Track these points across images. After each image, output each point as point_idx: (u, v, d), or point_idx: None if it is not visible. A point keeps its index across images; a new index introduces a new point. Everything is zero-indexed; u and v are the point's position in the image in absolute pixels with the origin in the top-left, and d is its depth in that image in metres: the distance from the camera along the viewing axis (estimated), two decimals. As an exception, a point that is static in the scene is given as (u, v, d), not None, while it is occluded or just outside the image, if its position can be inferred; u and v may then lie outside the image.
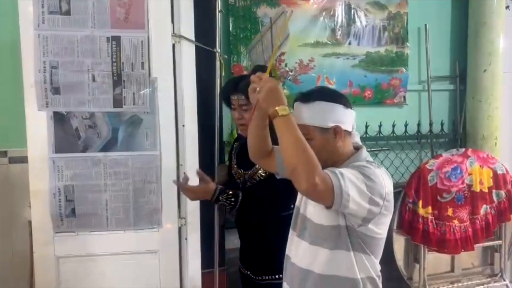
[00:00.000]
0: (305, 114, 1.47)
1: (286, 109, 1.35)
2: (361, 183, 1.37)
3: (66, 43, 2.09)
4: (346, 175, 1.35)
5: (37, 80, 2.08)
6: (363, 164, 1.46)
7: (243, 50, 3.13)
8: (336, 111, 1.48)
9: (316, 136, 1.46)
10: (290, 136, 1.34)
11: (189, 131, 2.31)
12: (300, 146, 1.33)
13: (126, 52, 2.14)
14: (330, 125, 1.46)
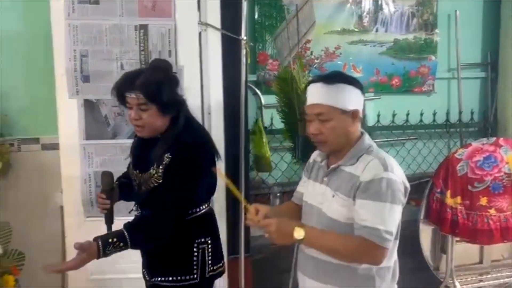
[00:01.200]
0: (327, 95, 1.48)
1: (300, 231, 1.41)
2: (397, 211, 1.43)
3: (95, 32, 2.14)
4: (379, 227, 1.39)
5: (68, 68, 2.13)
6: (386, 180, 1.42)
7: (268, 38, 3.11)
8: (356, 96, 1.51)
9: (335, 117, 1.48)
10: (323, 248, 1.46)
11: (215, 119, 2.33)
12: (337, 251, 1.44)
13: (154, 41, 2.17)
14: (350, 108, 1.48)
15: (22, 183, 2.44)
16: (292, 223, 1.43)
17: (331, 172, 1.54)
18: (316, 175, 1.63)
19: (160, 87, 1.61)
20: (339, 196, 1.48)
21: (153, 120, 1.64)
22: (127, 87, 1.64)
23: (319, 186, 1.58)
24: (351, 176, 1.48)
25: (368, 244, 1.39)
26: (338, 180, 1.51)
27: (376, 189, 1.41)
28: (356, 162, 1.49)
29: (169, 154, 1.63)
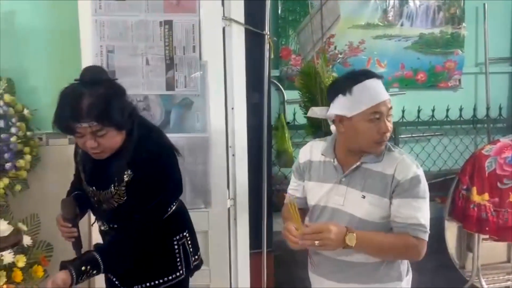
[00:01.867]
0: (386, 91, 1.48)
1: (351, 236, 1.35)
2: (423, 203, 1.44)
3: (121, 28, 2.17)
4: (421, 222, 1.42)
5: (95, 64, 2.16)
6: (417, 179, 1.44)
7: (292, 33, 3.11)
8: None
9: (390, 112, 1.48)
10: (372, 251, 1.44)
11: (238, 114, 2.34)
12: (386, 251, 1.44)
13: (178, 36, 2.19)
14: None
15: (50, 176, 2.49)
16: (342, 229, 1.36)
17: (352, 171, 1.47)
18: (321, 175, 1.54)
19: (111, 106, 1.42)
20: (370, 197, 1.44)
21: (113, 141, 1.48)
22: (74, 119, 1.41)
23: (336, 186, 1.50)
24: (382, 175, 1.45)
25: (416, 240, 1.42)
26: (362, 179, 1.46)
27: (416, 186, 1.42)
28: (382, 159, 1.46)
29: (129, 171, 1.52)
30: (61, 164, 2.51)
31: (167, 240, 1.68)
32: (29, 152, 2.32)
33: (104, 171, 1.54)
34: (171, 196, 1.68)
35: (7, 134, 2.23)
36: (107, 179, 1.53)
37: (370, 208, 1.45)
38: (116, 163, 1.51)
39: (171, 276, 1.69)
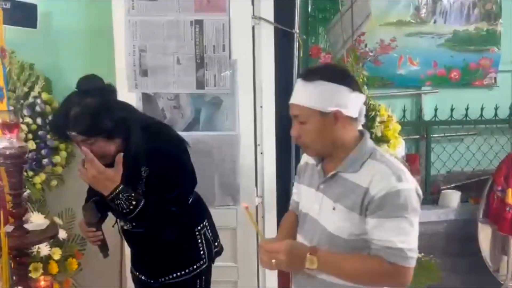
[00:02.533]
0: (304, 94, 1.31)
1: (312, 260, 1.26)
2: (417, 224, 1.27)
3: (153, 28, 2.21)
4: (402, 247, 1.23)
5: (128, 63, 2.23)
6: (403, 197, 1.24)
7: (322, 31, 3.08)
8: (339, 94, 1.29)
9: (312, 119, 1.30)
10: (339, 275, 1.29)
11: (267, 112, 2.35)
12: (356, 277, 1.28)
13: (209, 35, 2.22)
14: (330, 109, 1.28)
15: (84, 172, 2.57)
16: (304, 250, 1.28)
17: (329, 179, 1.36)
18: (309, 179, 1.46)
19: (95, 117, 1.47)
20: (340, 209, 1.31)
21: (105, 149, 1.53)
22: (63, 127, 1.50)
23: (315, 193, 1.41)
24: (355, 186, 1.29)
25: (392, 266, 1.23)
26: (337, 189, 1.34)
27: (393, 204, 1.23)
28: (360, 169, 1.30)
29: (145, 167, 1.58)
30: (95, 161, 2.59)
31: (190, 232, 1.74)
32: (64, 149, 2.40)
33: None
34: (189, 186, 1.72)
35: (44, 131, 2.31)
36: (124, 180, 1.54)
37: (339, 222, 1.31)
38: (128, 163, 1.53)
39: (195, 265, 1.75)
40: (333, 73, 1.33)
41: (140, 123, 1.58)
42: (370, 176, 1.27)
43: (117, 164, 1.51)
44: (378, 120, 2.34)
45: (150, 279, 1.78)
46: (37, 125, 2.29)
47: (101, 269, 2.50)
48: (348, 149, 1.34)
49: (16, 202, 1.46)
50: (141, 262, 1.82)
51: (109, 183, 1.50)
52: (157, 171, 1.57)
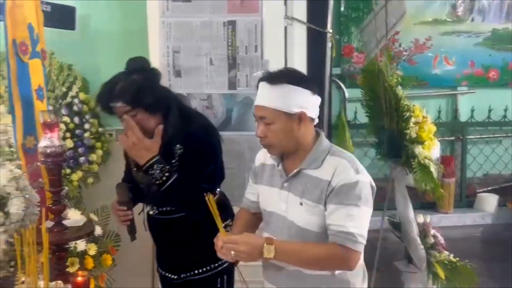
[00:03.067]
0: (270, 96, 1.39)
1: (269, 249, 1.33)
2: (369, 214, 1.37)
3: (187, 29, 2.24)
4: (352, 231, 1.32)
5: (162, 64, 2.26)
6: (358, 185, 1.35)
7: (354, 30, 3.06)
8: (303, 97, 1.39)
9: (278, 120, 1.38)
10: (295, 262, 1.38)
11: (299, 113, 2.33)
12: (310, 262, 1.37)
13: (241, 36, 2.23)
14: (296, 111, 1.38)
15: (118, 170, 2.62)
16: (260, 240, 1.36)
17: (292, 177, 1.45)
18: (270, 179, 1.53)
19: (140, 90, 1.58)
20: (307, 204, 1.40)
21: (145, 123, 1.61)
22: (109, 98, 1.61)
23: (279, 192, 1.48)
24: (318, 181, 1.39)
25: (342, 249, 1.33)
26: (302, 185, 1.43)
27: (349, 193, 1.35)
28: (322, 165, 1.41)
29: (179, 145, 1.65)
30: (129, 159, 2.65)
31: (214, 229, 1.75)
32: (100, 147, 2.47)
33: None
34: (219, 172, 1.77)
35: (81, 130, 2.38)
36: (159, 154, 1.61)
37: (307, 216, 1.40)
38: (164, 140, 1.62)
39: (217, 263, 1.77)
40: (297, 77, 1.42)
41: (180, 105, 1.68)
42: (332, 170, 1.38)
43: (156, 135, 1.61)
44: (413, 121, 2.29)
45: (172, 275, 1.83)
46: (75, 124, 2.36)
47: (134, 265, 2.56)
48: (308, 148, 1.44)
49: (56, 199, 1.52)
50: (164, 257, 1.87)
51: (146, 152, 1.60)
52: (191, 150, 1.65)
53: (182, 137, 1.64)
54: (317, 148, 1.44)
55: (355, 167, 1.38)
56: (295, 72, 1.48)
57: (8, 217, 1.37)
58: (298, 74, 1.46)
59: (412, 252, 2.37)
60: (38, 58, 1.76)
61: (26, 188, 1.49)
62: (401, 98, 2.31)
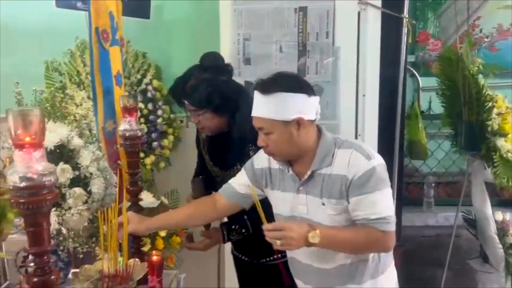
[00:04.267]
0: (264, 107, 1.36)
1: (314, 234, 1.30)
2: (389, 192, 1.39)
3: (258, 16, 2.24)
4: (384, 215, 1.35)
5: (232, 51, 2.28)
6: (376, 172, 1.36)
7: (431, 16, 2.90)
8: (298, 102, 1.35)
9: (276, 130, 1.36)
10: (337, 247, 1.39)
11: (370, 101, 2.27)
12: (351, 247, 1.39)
13: (312, 22, 2.19)
14: (292, 118, 1.35)
15: (188, 155, 2.69)
16: (304, 226, 1.32)
17: (306, 180, 1.43)
18: (282, 184, 1.50)
19: (210, 93, 1.60)
20: (330, 202, 1.39)
21: (209, 122, 1.66)
22: (180, 94, 1.66)
23: (295, 196, 1.46)
24: (335, 178, 1.38)
25: (382, 233, 1.36)
26: (319, 185, 1.41)
27: (368, 181, 1.35)
28: (333, 160, 1.39)
29: (252, 146, 1.63)
30: (197, 145, 2.72)
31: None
32: (172, 133, 2.55)
33: (227, 151, 1.70)
34: None
35: (154, 115, 2.47)
36: (231, 158, 1.68)
37: (332, 214, 1.40)
38: (233, 142, 1.66)
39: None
40: (289, 83, 1.38)
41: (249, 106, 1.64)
42: (345, 163, 1.37)
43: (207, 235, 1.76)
44: (495, 112, 2.15)
45: (253, 260, 1.85)
46: (148, 110, 2.45)
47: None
48: (314, 148, 1.42)
49: (133, 180, 1.59)
50: (244, 244, 1.88)
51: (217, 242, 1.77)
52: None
53: (253, 137, 1.59)
54: (323, 145, 1.42)
55: (365, 154, 1.37)
56: (288, 78, 1.44)
57: (91, 196, 1.45)
58: (291, 79, 1.43)
59: (489, 251, 2.24)
60: (117, 45, 1.83)
61: (106, 169, 1.56)
62: (483, 87, 2.18)
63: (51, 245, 0.88)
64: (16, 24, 2.56)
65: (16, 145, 0.83)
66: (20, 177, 0.82)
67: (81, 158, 1.47)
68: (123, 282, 1.29)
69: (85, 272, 1.34)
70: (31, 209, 0.83)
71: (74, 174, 1.40)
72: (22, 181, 0.81)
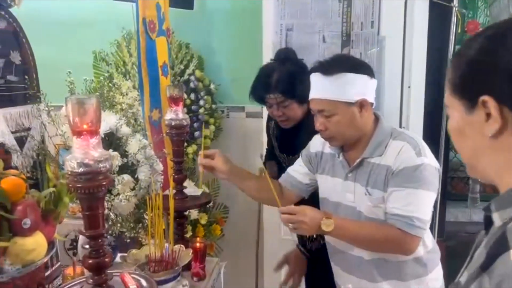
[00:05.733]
0: (326, 88, 1.34)
1: (328, 222, 1.29)
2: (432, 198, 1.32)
3: (301, 6, 2.22)
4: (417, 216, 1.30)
5: (275, 41, 2.27)
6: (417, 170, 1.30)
7: (481, 5, 2.78)
8: (361, 83, 1.35)
9: (339, 111, 1.34)
10: (351, 239, 1.36)
11: (415, 93, 2.21)
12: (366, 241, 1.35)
13: (357, 12, 2.15)
14: (356, 99, 1.34)
15: (229, 145, 2.73)
16: (319, 213, 1.32)
17: (356, 167, 1.41)
18: (331, 169, 1.49)
19: (294, 82, 1.66)
20: (373, 192, 1.37)
21: (295, 112, 1.73)
22: (265, 90, 1.72)
23: (343, 182, 1.45)
24: (382, 168, 1.35)
25: (399, 232, 1.29)
26: (366, 174, 1.39)
27: (409, 175, 1.29)
28: (385, 151, 1.36)
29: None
30: (238, 135, 2.74)
31: None
32: (213, 123, 2.58)
33: (294, 139, 1.77)
34: None
35: (197, 106, 2.50)
36: (297, 146, 1.72)
37: (373, 205, 1.37)
38: (304, 131, 1.71)
39: None
40: (352, 63, 1.38)
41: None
42: (394, 155, 1.34)
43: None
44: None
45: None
46: (191, 100, 2.49)
47: (240, 236, 2.67)
48: (369, 135, 1.39)
49: (178, 168, 1.62)
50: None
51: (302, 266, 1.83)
52: None
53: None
54: (378, 133, 1.38)
55: (417, 149, 1.32)
56: (349, 58, 1.46)
57: (138, 183, 1.49)
58: (352, 60, 1.44)
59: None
60: (163, 36, 1.86)
61: (152, 157, 1.60)
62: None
63: (105, 228, 0.92)
64: (65, 14, 2.65)
65: (74, 132, 0.86)
66: (78, 163, 0.85)
67: (129, 146, 1.51)
68: (168, 267, 1.33)
69: (133, 256, 1.38)
70: (87, 194, 0.86)
71: (122, 161, 1.45)
72: (80, 167, 0.85)
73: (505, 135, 0.63)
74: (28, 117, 1.45)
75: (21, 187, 0.95)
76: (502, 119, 0.63)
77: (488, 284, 0.57)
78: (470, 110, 0.67)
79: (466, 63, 0.67)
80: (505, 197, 0.63)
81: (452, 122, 0.73)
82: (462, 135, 0.70)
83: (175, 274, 1.31)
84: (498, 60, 0.62)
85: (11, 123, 1.37)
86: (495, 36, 0.65)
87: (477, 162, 0.70)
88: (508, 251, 0.56)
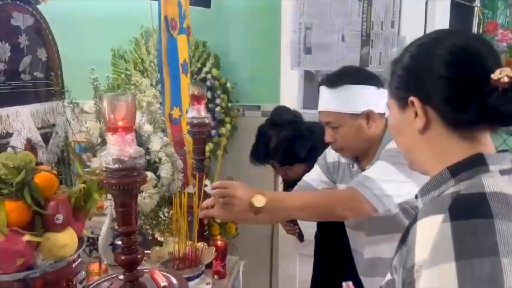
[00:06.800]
0: (332, 101, 1.35)
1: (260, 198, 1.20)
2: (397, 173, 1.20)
3: (320, 5, 2.21)
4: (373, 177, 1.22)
5: (293, 40, 2.27)
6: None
7: (501, 5, 2.74)
8: (367, 94, 1.33)
9: (345, 123, 1.35)
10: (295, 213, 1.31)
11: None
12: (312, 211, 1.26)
13: (377, 11, 2.14)
14: (362, 110, 1.33)
15: (244, 143, 2.70)
16: (252, 190, 1.23)
17: None
18: (349, 178, 1.46)
19: (293, 150, 1.70)
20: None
21: (297, 172, 1.75)
22: (264, 157, 1.76)
23: None
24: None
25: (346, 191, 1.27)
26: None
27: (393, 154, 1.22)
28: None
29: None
30: (254, 133, 2.71)
31: None
32: (229, 122, 2.58)
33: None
34: None
35: (213, 104, 2.50)
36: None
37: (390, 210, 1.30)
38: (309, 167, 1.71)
39: None
40: (357, 75, 1.37)
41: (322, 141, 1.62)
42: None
43: None
44: None
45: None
46: (207, 99, 2.49)
47: (255, 237, 2.67)
48: (380, 142, 1.37)
49: (199, 166, 1.62)
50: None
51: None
52: None
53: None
54: (386, 138, 1.36)
55: None
56: (355, 70, 1.42)
57: (160, 180, 1.50)
58: (358, 72, 1.42)
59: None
60: (184, 34, 1.87)
61: (173, 155, 1.60)
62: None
63: (138, 225, 0.92)
64: (84, 12, 2.66)
65: (109, 128, 0.86)
66: (113, 159, 0.85)
67: (151, 143, 1.51)
68: (191, 265, 1.33)
69: (156, 253, 1.38)
70: (122, 190, 0.86)
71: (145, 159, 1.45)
72: (115, 163, 0.85)
73: (431, 130, 0.74)
74: (53, 113, 1.45)
75: (53, 183, 0.95)
76: (426, 117, 0.74)
77: (405, 252, 0.67)
78: (403, 110, 0.78)
79: (400, 68, 0.79)
80: (427, 185, 0.74)
81: (390, 120, 0.84)
82: (398, 132, 0.82)
83: (199, 272, 1.31)
84: (424, 65, 0.75)
85: (37, 119, 1.37)
86: (423, 45, 0.78)
87: (413, 155, 0.81)
88: (415, 223, 0.67)
